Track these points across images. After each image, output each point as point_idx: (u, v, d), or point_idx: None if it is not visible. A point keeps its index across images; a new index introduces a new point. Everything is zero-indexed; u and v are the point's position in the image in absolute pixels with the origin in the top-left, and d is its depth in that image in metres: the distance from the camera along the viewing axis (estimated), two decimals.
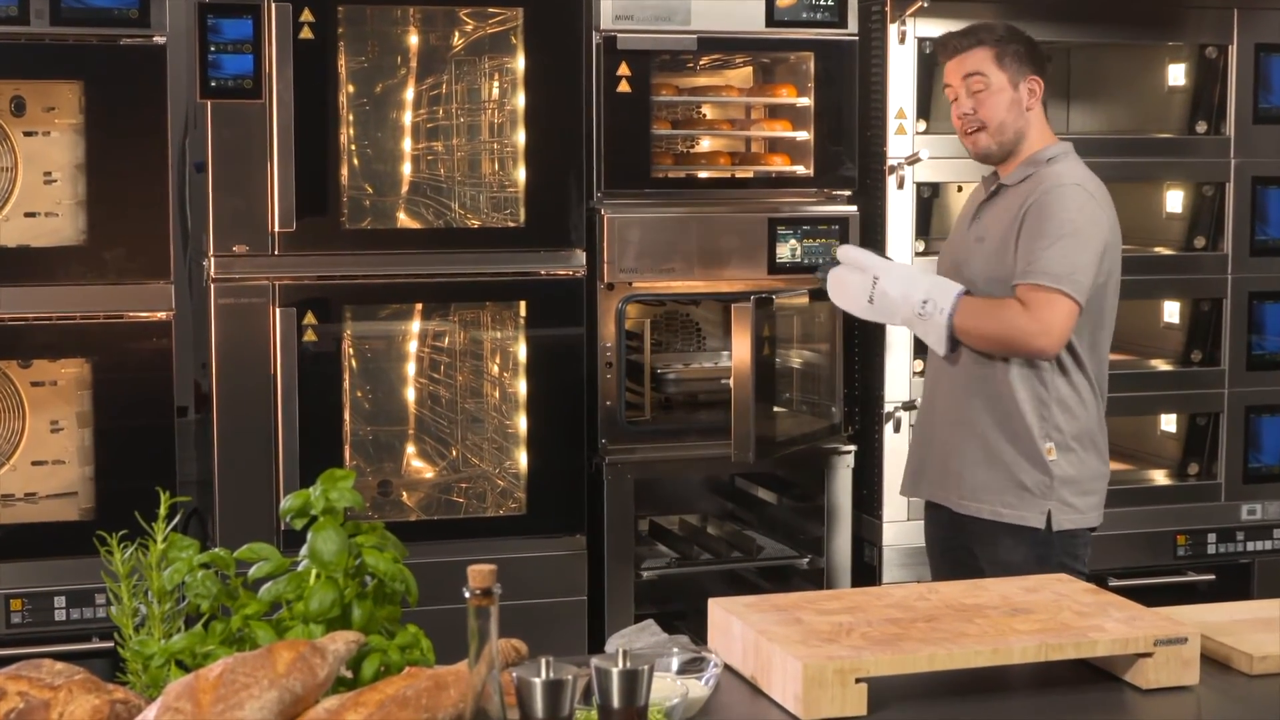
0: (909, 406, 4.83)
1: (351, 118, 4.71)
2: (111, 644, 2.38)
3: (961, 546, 3.85)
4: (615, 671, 2.07)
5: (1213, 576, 5.18)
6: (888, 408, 4.87)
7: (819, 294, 4.50)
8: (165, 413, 4.36)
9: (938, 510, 3.91)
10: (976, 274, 3.73)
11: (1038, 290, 3.58)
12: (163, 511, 2.31)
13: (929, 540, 4.02)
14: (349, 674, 2.23)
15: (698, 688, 2.40)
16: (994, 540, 3.74)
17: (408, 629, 2.30)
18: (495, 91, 4.85)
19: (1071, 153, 3.82)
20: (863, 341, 4.92)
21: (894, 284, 3.68)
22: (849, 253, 3.81)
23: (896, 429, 4.87)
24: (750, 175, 4.94)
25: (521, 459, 4.67)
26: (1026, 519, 3.71)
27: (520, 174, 4.59)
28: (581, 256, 4.62)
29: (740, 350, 4.30)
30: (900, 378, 4.87)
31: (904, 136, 4.84)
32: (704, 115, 5.26)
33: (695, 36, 4.67)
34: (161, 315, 4.34)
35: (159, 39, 4.29)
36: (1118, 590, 2.99)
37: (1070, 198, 3.65)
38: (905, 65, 4.83)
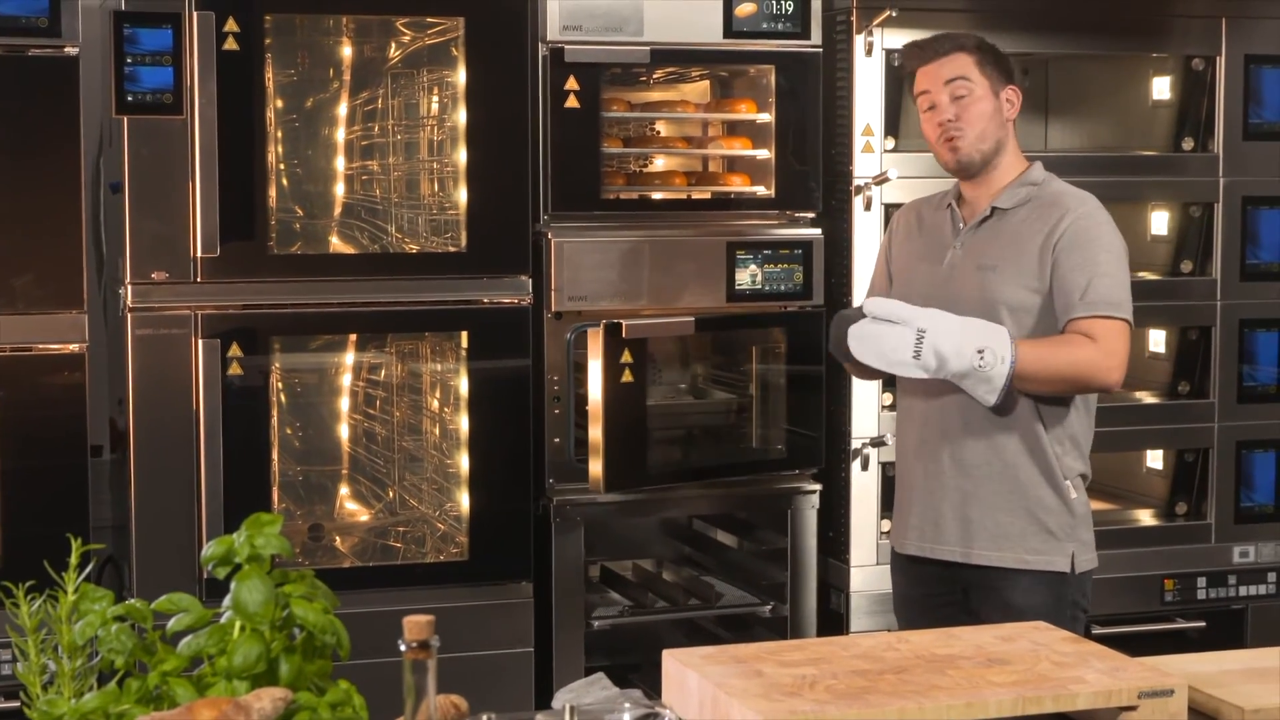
0: (878, 443, 4.85)
1: (280, 135, 4.70)
2: (17, 704, 2.36)
3: (952, 603, 3.82)
4: None
5: (1203, 623, 5.21)
6: (855, 444, 4.89)
7: (704, 324, 4.61)
8: (78, 452, 4.34)
9: (920, 565, 3.88)
10: (984, 304, 3.71)
11: (1102, 321, 3.63)
12: (74, 560, 2.30)
13: (906, 600, 3.96)
14: None
15: None
16: (1009, 588, 3.74)
17: (339, 685, 2.30)
18: (435, 107, 4.86)
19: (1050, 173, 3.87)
20: (827, 374, 4.93)
21: (944, 338, 3.54)
22: (882, 306, 3.60)
23: (865, 467, 4.89)
24: (707, 196, 4.96)
25: (463, 501, 4.66)
26: (1054, 563, 3.75)
27: (461, 195, 4.59)
28: (527, 283, 4.63)
29: (592, 376, 4.48)
30: (869, 412, 4.89)
31: (871, 155, 4.86)
32: (658, 132, 5.28)
33: (648, 48, 4.69)
34: (74, 347, 4.32)
35: (70, 50, 4.27)
36: (1101, 638, 3.01)
37: (1104, 220, 3.74)
38: (872, 79, 4.86)
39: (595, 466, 4.53)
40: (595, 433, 4.51)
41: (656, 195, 4.96)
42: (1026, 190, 3.78)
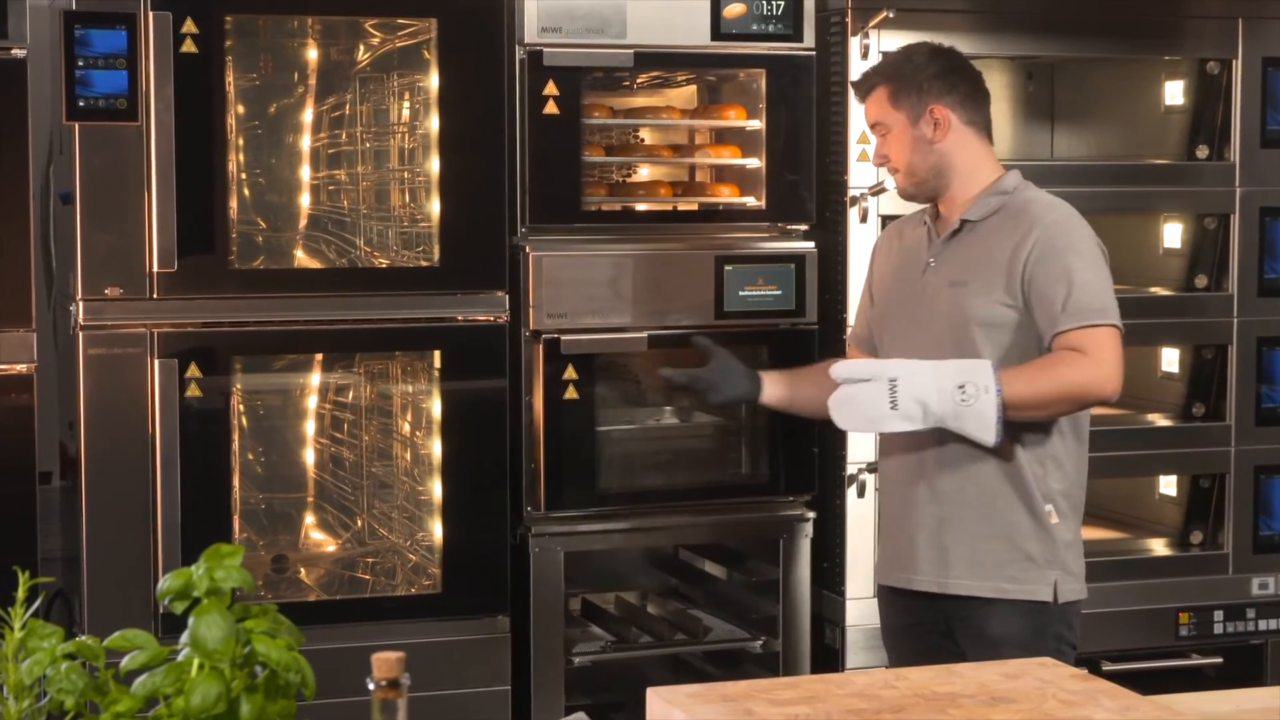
0: (874, 468, 4.85)
1: (241, 142, 4.71)
2: None
3: (932, 632, 3.84)
4: None
5: (1220, 659, 5.21)
6: (850, 469, 4.89)
7: (657, 342, 4.68)
8: (25, 479, 4.32)
9: (903, 595, 3.88)
10: (956, 321, 3.73)
11: (1088, 331, 3.63)
12: (21, 594, 2.30)
13: (894, 630, 3.97)
14: None
15: None
16: (986, 617, 3.75)
17: None
18: (406, 113, 4.86)
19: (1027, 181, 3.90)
20: None
21: (918, 381, 3.57)
22: (848, 368, 3.65)
23: (861, 493, 4.89)
24: (694, 208, 4.97)
25: (436, 530, 4.66)
26: (1035, 593, 3.74)
27: (434, 206, 4.60)
28: (504, 300, 4.63)
29: (534, 393, 4.65)
30: (865, 436, 4.88)
31: (867, 164, 4.85)
32: (642, 140, 5.28)
33: (632, 51, 4.70)
34: (22, 368, 4.32)
35: (18, 52, 4.27)
36: (1112, 675, 3.01)
37: (1074, 226, 3.74)
38: None
39: (529, 486, 4.69)
40: (537, 453, 4.66)
41: (641, 206, 4.96)
42: (997, 199, 3.80)
